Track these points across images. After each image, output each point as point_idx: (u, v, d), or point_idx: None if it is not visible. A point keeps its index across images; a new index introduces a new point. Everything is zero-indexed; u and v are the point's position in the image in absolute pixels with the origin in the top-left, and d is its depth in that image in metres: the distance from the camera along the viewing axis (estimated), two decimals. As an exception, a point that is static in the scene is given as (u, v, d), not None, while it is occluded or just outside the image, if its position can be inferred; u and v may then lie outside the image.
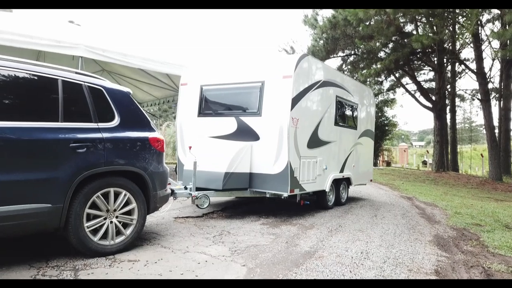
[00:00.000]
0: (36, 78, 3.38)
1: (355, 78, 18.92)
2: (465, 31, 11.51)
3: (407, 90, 20.30)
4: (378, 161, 26.22)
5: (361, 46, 15.76)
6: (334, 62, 22.47)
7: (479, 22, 15.53)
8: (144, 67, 10.29)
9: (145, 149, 3.97)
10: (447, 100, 23.05)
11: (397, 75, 21.01)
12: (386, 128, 24.38)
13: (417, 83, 19.79)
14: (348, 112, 7.77)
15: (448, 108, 23.20)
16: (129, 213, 3.83)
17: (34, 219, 3.13)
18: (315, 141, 6.45)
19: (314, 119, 6.45)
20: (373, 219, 6.42)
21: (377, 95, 23.08)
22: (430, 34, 12.38)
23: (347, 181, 7.89)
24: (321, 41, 17.38)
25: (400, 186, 13.35)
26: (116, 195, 3.71)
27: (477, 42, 14.73)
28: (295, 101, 5.80)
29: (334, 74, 7.12)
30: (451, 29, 13.68)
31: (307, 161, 6.21)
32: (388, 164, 27.24)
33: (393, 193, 10.85)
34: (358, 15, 13.56)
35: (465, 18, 12.25)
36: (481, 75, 15.81)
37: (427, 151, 26.91)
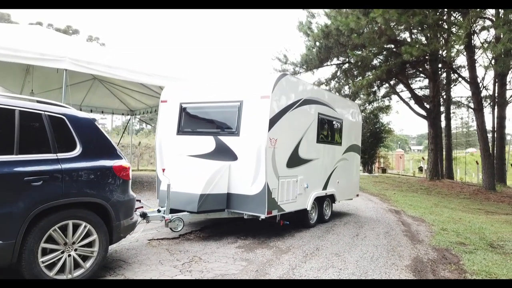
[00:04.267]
0: (-9, 109, 3.29)
1: (348, 87, 18.87)
2: (456, 43, 11.43)
3: (401, 98, 20.23)
4: (374, 168, 26.11)
5: (352, 57, 15.68)
6: (329, 70, 22.35)
7: (472, 31, 15.49)
8: (130, 79, 10.23)
9: (108, 178, 3.87)
10: (442, 107, 22.99)
11: (391, 82, 20.93)
12: (381, 135, 24.27)
13: (411, 91, 19.71)
14: (332, 129, 7.68)
15: (443, 115, 23.14)
16: (89, 245, 3.73)
17: (-16, 256, 3.03)
18: (295, 160, 6.36)
19: (295, 138, 6.36)
20: (354, 240, 6.32)
21: (372, 102, 23.00)
22: (421, 45, 12.29)
23: (331, 198, 7.80)
24: (314, 50, 17.31)
25: (391, 197, 13.26)
26: (76, 227, 3.61)
27: (470, 52, 14.66)
28: (273, 121, 5.72)
29: (316, 91, 7.03)
30: (444, 38, 13.59)
31: (286, 181, 6.12)
32: (384, 171, 27.13)
33: (382, 206, 10.75)
34: (350, 25, 13.50)
35: (458, 27, 12.16)
36: (474, 84, 15.73)
37: (423, 157, 26.79)
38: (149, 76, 10.21)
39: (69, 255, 3.57)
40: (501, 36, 11.23)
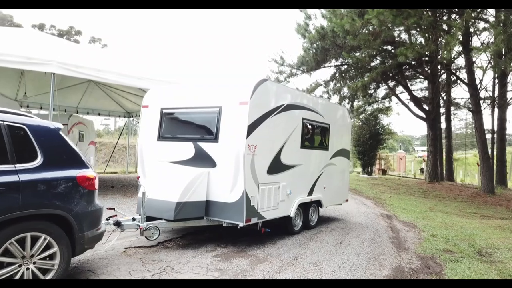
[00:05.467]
0: None
1: (347, 88, 18.69)
2: (450, 44, 11.24)
3: (400, 100, 20.02)
4: (374, 170, 25.92)
5: (348, 59, 15.53)
6: (328, 71, 22.20)
7: (471, 32, 15.29)
8: (120, 82, 10.19)
9: (71, 189, 3.80)
10: (442, 109, 22.75)
11: (391, 84, 20.75)
12: (381, 136, 24.07)
13: (410, 93, 19.51)
14: (318, 134, 7.57)
15: (443, 117, 22.91)
16: (50, 257, 3.65)
17: None
18: (277, 166, 6.26)
19: (276, 144, 6.26)
20: (336, 248, 6.20)
21: (372, 103, 22.83)
22: (416, 47, 12.12)
23: (318, 204, 7.68)
24: (311, 51, 17.18)
25: (386, 201, 13.11)
26: (36, 239, 3.54)
27: (468, 54, 14.46)
28: (253, 127, 5.62)
29: (300, 97, 6.92)
30: (439, 39, 13.41)
31: (267, 188, 6.02)
32: (384, 172, 26.93)
33: (374, 211, 10.61)
34: (345, 27, 13.36)
35: (453, 28, 11.98)
36: (472, 86, 15.52)
37: (424, 159, 26.53)
38: (139, 80, 10.16)
39: (27, 269, 3.49)
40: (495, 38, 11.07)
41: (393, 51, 15.67)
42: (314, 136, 7.44)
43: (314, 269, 5.00)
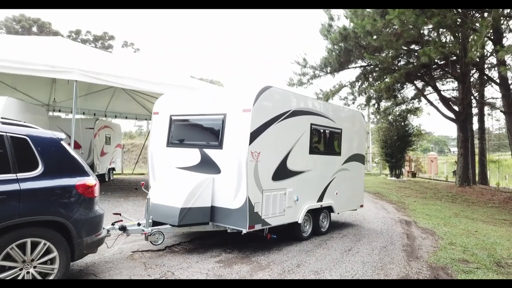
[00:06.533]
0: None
1: (373, 89, 18.25)
2: (476, 43, 10.75)
3: (428, 100, 19.35)
4: (403, 172, 25.17)
5: (370, 60, 15.20)
6: (353, 72, 21.84)
7: (502, 28, 14.59)
8: (138, 88, 10.51)
9: (70, 197, 3.98)
10: (475, 109, 21.80)
11: (419, 85, 20.11)
12: (410, 138, 23.33)
13: (439, 93, 18.83)
14: (329, 139, 7.49)
15: (476, 117, 21.96)
16: (51, 261, 3.84)
17: None
18: (283, 173, 6.25)
19: (282, 150, 6.25)
20: (343, 255, 6.12)
21: (400, 104, 22.21)
22: (440, 47, 11.69)
23: (329, 209, 7.59)
24: (334, 53, 16.96)
25: (409, 206, 12.73)
26: (36, 244, 3.73)
27: (497, 53, 13.78)
28: (256, 134, 5.65)
29: (307, 102, 6.87)
30: (464, 39, 12.87)
31: (272, 194, 6.03)
32: (414, 175, 26.11)
33: (394, 216, 10.34)
34: (366, 27, 13.11)
35: (479, 27, 11.47)
36: (504, 86, 14.81)
37: (456, 161, 25.51)
38: (156, 85, 10.42)
39: (28, 272, 3.69)
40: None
41: (417, 51, 15.20)
42: (324, 141, 7.37)
43: (314, 278, 4.96)
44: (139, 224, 5.50)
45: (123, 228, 5.23)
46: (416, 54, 15.25)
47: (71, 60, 9.67)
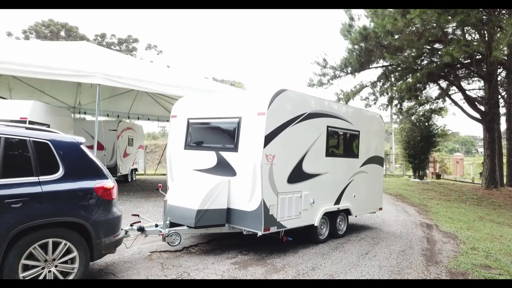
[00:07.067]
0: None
1: (395, 89, 17.93)
2: (501, 42, 10.43)
3: (452, 100, 18.85)
4: (427, 174, 24.61)
5: (391, 60, 14.95)
6: (374, 72, 21.52)
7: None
8: (159, 91, 10.72)
9: (89, 199, 4.13)
10: (503, 108, 21.07)
11: (443, 84, 19.63)
12: (434, 138, 22.77)
13: (463, 93, 18.32)
14: (346, 141, 7.44)
15: (504, 117, 21.23)
16: (70, 261, 4.00)
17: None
18: (298, 175, 6.27)
19: (297, 153, 6.27)
20: (359, 259, 6.07)
21: (422, 104, 21.71)
22: (463, 46, 11.39)
23: (346, 212, 7.55)
24: (354, 53, 16.79)
25: (431, 208, 12.46)
26: (57, 244, 3.90)
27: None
28: (271, 137, 5.69)
29: (323, 104, 6.86)
30: (489, 37, 12.46)
31: (287, 197, 6.05)
32: (438, 176, 25.49)
33: (415, 219, 10.15)
34: (386, 27, 12.93)
35: (505, 24, 11.10)
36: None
37: (482, 162, 24.75)
38: (177, 88, 10.61)
39: (50, 271, 3.86)
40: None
41: (440, 50, 14.86)
42: (342, 143, 7.33)
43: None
44: (156, 225, 5.63)
45: (141, 229, 5.37)
46: (439, 53, 14.91)
47: (94, 65, 9.97)
